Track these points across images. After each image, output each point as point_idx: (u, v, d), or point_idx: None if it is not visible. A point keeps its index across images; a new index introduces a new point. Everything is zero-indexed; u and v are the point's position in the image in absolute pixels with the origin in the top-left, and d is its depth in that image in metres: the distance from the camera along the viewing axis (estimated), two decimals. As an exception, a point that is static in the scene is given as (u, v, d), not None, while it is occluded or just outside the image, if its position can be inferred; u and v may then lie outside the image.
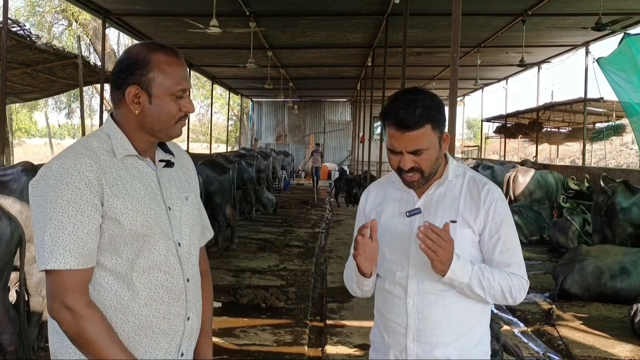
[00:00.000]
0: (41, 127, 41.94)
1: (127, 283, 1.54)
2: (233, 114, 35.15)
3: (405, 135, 1.77)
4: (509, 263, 1.83)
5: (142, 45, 1.65)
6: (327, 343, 4.97)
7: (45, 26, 22.07)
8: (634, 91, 9.61)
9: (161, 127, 1.61)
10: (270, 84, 16.60)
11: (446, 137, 1.85)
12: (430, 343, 1.83)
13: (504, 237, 1.83)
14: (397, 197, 1.94)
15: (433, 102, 1.81)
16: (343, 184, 16.26)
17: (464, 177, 1.90)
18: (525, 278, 1.86)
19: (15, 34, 7.47)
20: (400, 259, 1.87)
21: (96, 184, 1.50)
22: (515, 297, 1.83)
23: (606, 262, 6.18)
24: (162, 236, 1.59)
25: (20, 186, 4.21)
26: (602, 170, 11.94)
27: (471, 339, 1.86)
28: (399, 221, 1.90)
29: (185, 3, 10.18)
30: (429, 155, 1.80)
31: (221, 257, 8.22)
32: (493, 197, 1.85)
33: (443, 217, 1.83)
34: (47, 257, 1.45)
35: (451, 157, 1.94)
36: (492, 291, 1.79)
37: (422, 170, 1.81)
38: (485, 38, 13.05)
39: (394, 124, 1.78)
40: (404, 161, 1.80)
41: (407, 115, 1.76)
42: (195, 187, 1.81)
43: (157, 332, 1.58)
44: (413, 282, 1.84)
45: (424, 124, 1.76)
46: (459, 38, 4.60)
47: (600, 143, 20.75)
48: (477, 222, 1.84)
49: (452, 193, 1.87)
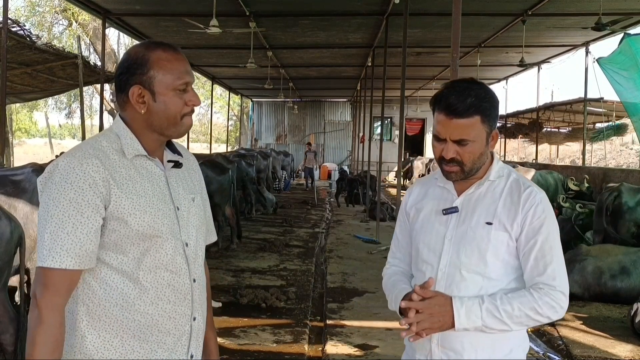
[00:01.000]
0: (41, 127, 41.94)
1: (134, 282, 1.55)
2: (233, 114, 35.15)
3: (452, 122, 1.71)
4: (542, 272, 1.72)
5: (140, 45, 1.67)
6: (327, 343, 4.97)
7: (45, 26, 22.07)
8: (635, 90, 9.62)
9: (169, 124, 1.62)
10: (270, 84, 16.59)
11: (495, 135, 1.79)
12: (455, 349, 1.75)
13: (540, 243, 1.72)
14: (438, 195, 1.89)
15: (487, 94, 1.75)
16: (345, 184, 16.26)
17: (507, 178, 1.82)
18: (561, 289, 1.72)
19: (15, 34, 7.47)
20: (432, 259, 1.82)
21: (101, 185, 1.51)
22: (548, 315, 1.72)
23: (606, 262, 6.18)
24: (171, 236, 1.60)
25: (32, 186, 4.35)
26: (602, 170, 11.95)
27: (501, 347, 1.76)
28: (436, 219, 1.85)
29: (185, 3, 10.18)
30: (473, 148, 1.73)
31: (221, 257, 8.22)
32: (534, 200, 1.75)
33: (480, 218, 1.77)
34: (46, 254, 1.46)
35: (497, 157, 1.87)
36: (515, 320, 1.69)
37: (464, 163, 1.74)
38: (485, 38, 13.04)
39: (443, 109, 1.72)
40: (447, 150, 1.74)
41: (458, 101, 1.70)
42: (201, 189, 1.81)
43: (162, 332, 1.58)
44: (440, 284, 1.78)
45: (474, 114, 1.71)
46: (459, 38, 4.59)
47: (600, 143, 20.75)
48: (515, 227, 1.74)
49: (493, 194, 1.80)
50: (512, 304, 1.69)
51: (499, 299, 1.70)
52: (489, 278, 1.75)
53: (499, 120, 1.87)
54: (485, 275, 1.75)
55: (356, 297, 6.44)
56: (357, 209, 15.05)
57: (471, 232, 1.77)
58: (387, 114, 24.66)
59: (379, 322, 5.51)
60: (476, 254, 1.75)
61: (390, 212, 12.75)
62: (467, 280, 1.75)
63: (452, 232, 1.80)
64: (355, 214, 14.08)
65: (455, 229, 1.80)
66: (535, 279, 1.73)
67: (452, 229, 1.80)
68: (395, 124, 28.16)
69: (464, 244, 1.77)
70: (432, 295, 1.71)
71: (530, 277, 1.74)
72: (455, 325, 1.68)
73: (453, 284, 1.76)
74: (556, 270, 1.72)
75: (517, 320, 1.70)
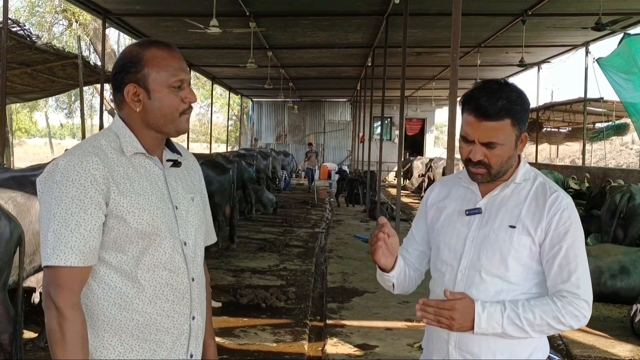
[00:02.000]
0: (41, 127, 41.97)
1: (132, 281, 1.55)
2: (233, 114, 35.16)
3: (481, 124, 1.67)
4: (565, 280, 1.68)
5: (134, 44, 1.67)
6: (327, 343, 4.97)
7: (46, 26, 22.07)
8: (634, 90, 9.62)
9: (166, 121, 1.61)
10: (270, 84, 16.60)
11: (524, 138, 1.74)
12: (472, 353, 1.73)
13: (565, 250, 1.68)
14: (461, 195, 1.85)
15: (519, 97, 1.70)
16: (346, 184, 16.27)
17: (533, 182, 1.77)
18: (585, 297, 1.68)
19: (15, 34, 7.48)
20: (452, 260, 1.79)
21: (102, 182, 1.51)
22: (570, 324, 1.67)
23: (606, 262, 6.18)
24: (169, 235, 1.60)
25: None
26: (602, 170, 11.96)
27: (521, 351, 1.72)
28: (458, 219, 1.81)
29: (185, 3, 10.19)
30: (502, 151, 1.70)
31: (221, 257, 8.22)
32: (560, 206, 1.70)
33: (503, 220, 1.74)
34: (50, 253, 1.46)
35: (525, 160, 1.82)
36: (536, 328, 1.66)
37: (491, 166, 1.71)
38: (485, 38, 13.05)
39: (473, 110, 1.69)
40: (475, 152, 1.70)
41: (489, 104, 1.66)
42: (201, 189, 1.81)
43: (161, 331, 1.58)
44: (459, 287, 1.75)
45: (504, 117, 1.67)
46: (459, 38, 4.60)
47: (600, 143, 20.76)
48: (539, 231, 1.70)
49: (518, 197, 1.76)
50: (534, 312, 1.65)
51: (521, 307, 1.66)
52: (509, 282, 1.72)
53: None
54: (505, 279, 1.72)
55: (356, 297, 6.44)
56: (357, 209, 15.05)
57: (493, 234, 1.74)
58: (387, 114, 24.66)
59: (379, 322, 5.51)
60: (498, 257, 1.72)
61: (390, 212, 12.75)
62: (487, 283, 1.72)
63: (474, 234, 1.77)
64: (355, 214, 14.09)
65: (477, 231, 1.77)
66: (559, 287, 1.69)
67: (475, 231, 1.77)
68: (395, 123, 28.17)
69: (486, 246, 1.74)
70: (460, 297, 1.68)
71: (553, 284, 1.70)
72: (475, 329, 1.66)
73: (472, 286, 1.73)
74: (581, 278, 1.68)
75: (538, 329, 1.67)
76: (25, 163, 14.33)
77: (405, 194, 19.17)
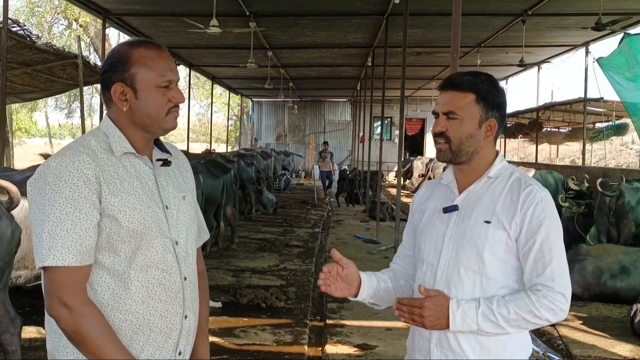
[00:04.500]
0: (41, 127, 41.92)
1: (124, 281, 1.55)
2: (233, 114, 35.14)
3: (445, 93, 1.76)
4: (540, 273, 1.67)
5: (123, 43, 1.67)
6: (327, 343, 4.98)
7: (45, 26, 22.07)
8: (635, 90, 9.61)
9: (152, 121, 1.61)
10: (270, 84, 16.59)
11: (492, 125, 1.77)
12: (453, 351, 1.73)
13: (539, 243, 1.67)
14: (442, 194, 1.88)
15: (489, 80, 1.78)
16: (346, 185, 16.27)
17: (509, 177, 1.78)
18: (560, 290, 1.66)
19: (15, 34, 7.46)
20: (432, 258, 1.81)
21: (94, 181, 1.51)
22: (547, 317, 1.66)
23: (606, 262, 6.18)
24: (160, 234, 1.60)
25: None
26: (602, 170, 11.95)
27: (503, 348, 1.72)
28: (437, 218, 1.84)
29: (185, 3, 10.18)
30: (462, 125, 1.74)
31: (221, 257, 8.21)
32: (534, 199, 1.70)
33: (479, 216, 1.75)
34: (45, 253, 1.45)
35: (502, 156, 1.84)
36: (512, 323, 1.66)
37: (450, 139, 1.74)
38: (485, 38, 13.05)
39: (442, 85, 1.78)
40: (436, 123, 1.78)
41: (456, 76, 1.77)
42: (192, 188, 1.81)
43: (154, 330, 1.58)
44: (440, 284, 1.77)
45: (467, 90, 1.74)
46: (459, 38, 4.59)
47: (600, 143, 20.74)
48: (513, 226, 1.70)
49: (493, 193, 1.77)
50: (509, 307, 1.65)
51: (495, 302, 1.67)
52: (487, 277, 1.72)
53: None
54: (483, 274, 1.72)
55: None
56: (357, 209, 15.04)
57: (470, 230, 1.75)
58: (387, 114, 24.62)
59: (379, 322, 5.52)
60: (474, 252, 1.73)
61: (390, 212, 12.74)
62: (465, 279, 1.73)
63: (452, 231, 1.79)
64: (355, 214, 14.08)
65: (455, 228, 1.79)
66: (534, 280, 1.69)
67: (452, 228, 1.79)
68: (395, 123, 28.15)
69: (463, 243, 1.76)
70: (434, 295, 1.70)
71: (529, 278, 1.70)
72: (450, 327, 1.67)
73: (452, 283, 1.75)
74: (555, 271, 1.67)
75: (514, 324, 1.66)
76: (26, 163, 14.34)
77: (405, 194, 19.16)
